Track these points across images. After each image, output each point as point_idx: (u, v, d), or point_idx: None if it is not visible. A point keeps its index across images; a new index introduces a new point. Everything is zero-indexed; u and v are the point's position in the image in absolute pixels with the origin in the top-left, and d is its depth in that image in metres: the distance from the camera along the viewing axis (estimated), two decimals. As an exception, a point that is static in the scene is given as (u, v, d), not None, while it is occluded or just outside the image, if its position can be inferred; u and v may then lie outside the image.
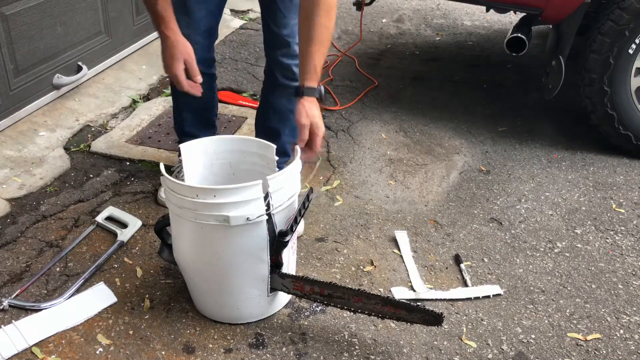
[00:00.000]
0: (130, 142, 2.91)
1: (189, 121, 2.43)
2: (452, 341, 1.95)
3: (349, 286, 1.90)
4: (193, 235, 1.84)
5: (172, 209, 1.84)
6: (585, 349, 1.94)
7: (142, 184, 2.62)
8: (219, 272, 1.87)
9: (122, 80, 3.42)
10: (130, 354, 1.84)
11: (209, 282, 1.90)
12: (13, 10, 2.75)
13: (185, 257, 1.90)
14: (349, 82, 3.65)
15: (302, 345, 1.90)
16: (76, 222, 2.37)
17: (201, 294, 1.96)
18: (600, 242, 2.43)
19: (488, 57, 4.09)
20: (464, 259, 2.30)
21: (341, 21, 4.58)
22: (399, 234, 2.40)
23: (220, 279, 1.88)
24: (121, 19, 3.49)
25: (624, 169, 2.91)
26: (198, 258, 1.87)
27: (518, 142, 3.12)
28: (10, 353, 1.80)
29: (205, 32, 2.23)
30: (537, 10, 2.89)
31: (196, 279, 1.93)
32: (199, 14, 2.17)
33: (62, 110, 3.08)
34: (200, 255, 1.86)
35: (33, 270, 2.13)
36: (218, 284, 1.89)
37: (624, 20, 2.74)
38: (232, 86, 3.49)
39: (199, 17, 2.17)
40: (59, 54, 3.09)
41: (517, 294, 2.15)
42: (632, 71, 2.84)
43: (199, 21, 2.18)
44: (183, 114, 2.43)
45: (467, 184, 2.77)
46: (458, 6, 4.90)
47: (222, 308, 1.94)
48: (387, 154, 2.97)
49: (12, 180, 2.56)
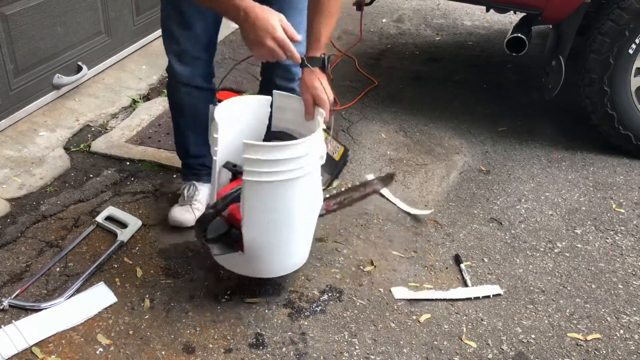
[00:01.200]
0: (130, 142, 2.91)
1: (193, 140, 2.33)
2: (452, 341, 1.95)
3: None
4: (286, 192, 1.86)
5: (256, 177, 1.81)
6: (585, 349, 1.94)
7: (142, 184, 2.62)
8: (296, 221, 1.94)
9: (122, 80, 3.42)
10: (130, 354, 1.84)
11: (282, 238, 1.95)
12: (13, 10, 2.75)
13: (262, 225, 1.90)
14: (349, 82, 3.65)
15: (302, 345, 1.90)
16: (76, 222, 2.37)
17: (272, 253, 1.98)
18: (600, 242, 2.43)
19: (488, 57, 4.09)
20: (464, 259, 2.30)
21: (341, 21, 4.57)
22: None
23: (296, 227, 1.96)
24: (121, 19, 3.49)
25: (624, 169, 2.91)
26: (278, 217, 1.90)
27: (518, 142, 3.12)
28: (10, 353, 1.80)
29: (206, 46, 2.17)
30: (537, 10, 2.89)
31: (271, 240, 1.93)
32: (199, 29, 2.10)
33: (62, 110, 3.08)
34: (281, 213, 1.90)
35: (33, 270, 2.13)
36: (293, 233, 1.96)
37: (624, 20, 2.74)
38: (232, 86, 3.49)
39: (199, 31, 2.11)
40: (59, 54, 3.09)
41: (517, 294, 2.15)
42: (632, 71, 2.84)
43: (199, 36, 2.12)
44: (186, 133, 2.34)
45: (467, 184, 2.77)
46: (458, 6, 4.90)
47: (288, 258, 2.02)
48: (387, 154, 2.97)
49: (12, 180, 2.56)
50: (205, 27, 2.13)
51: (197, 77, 2.20)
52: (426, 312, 2.05)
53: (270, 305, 2.04)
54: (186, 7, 2.07)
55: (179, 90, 2.24)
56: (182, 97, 2.24)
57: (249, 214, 1.86)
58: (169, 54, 2.18)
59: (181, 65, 2.16)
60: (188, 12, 2.08)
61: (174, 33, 2.11)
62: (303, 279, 2.16)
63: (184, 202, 2.38)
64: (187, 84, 2.20)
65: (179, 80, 2.20)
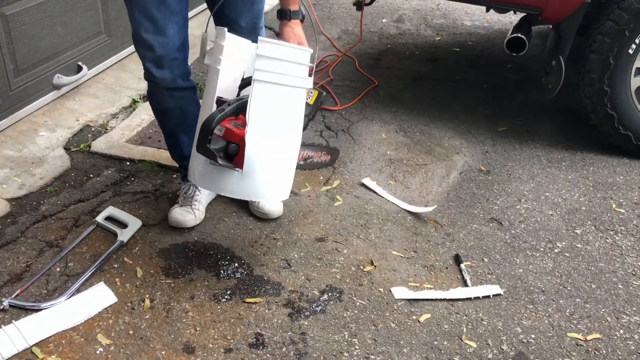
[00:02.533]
0: (130, 142, 2.91)
1: (186, 142, 2.33)
2: (452, 341, 1.95)
3: None
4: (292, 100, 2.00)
5: (279, 80, 1.94)
6: (585, 349, 1.94)
7: (142, 184, 2.62)
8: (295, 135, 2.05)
9: (122, 80, 3.42)
10: (130, 354, 1.84)
11: (282, 150, 2.02)
12: (13, 10, 2.76)
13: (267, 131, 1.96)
14: (349, 82, 3.65)
15: (302, 345, 1.90)
16: (76, 222, 2.37)
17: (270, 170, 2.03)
18: (600, 242, 2.43)
19: (488, 57, 4.09)
20: (464, 259, 2.30)
21: (341, 21, 4.58)
22: (365, 180, 2.72)
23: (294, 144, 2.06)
24: (121, 19, 3.49)
25: (624, 169, 2.91)
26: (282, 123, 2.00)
27: (518, 142, 3.12)
28: (11, 353, 1.81)
29: (180, 47, 2.17)
30: (537, 11, 2.89)
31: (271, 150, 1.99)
32: (172, 31, 2.11)
33: (62, 110, 3.08)
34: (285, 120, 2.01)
35: (33, 270, 2.13)
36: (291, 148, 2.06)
37: (624, 20, 2.74)
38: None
39: (172, 34, 2.11)
40: (59, 54, 3.09)
41: (517, 294, 2.15)
42: (632, 71, 2.84)
43: (172, 38, 2.12)
44: (177, 136, 2.35)
45: (467, 184, 2.77)
46: (458, 6, 4.90)
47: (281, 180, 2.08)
48: (387, 154, 2.97)
49: (12, 180, 2.57)
50: (177, 30, 2.13)
51: (177, 78, 2.20)
52: (426, 312, 2.05)
53: (270, 305, 2.04)
54: (158, 14, 2.06)
55: (162, 95, 2.24)
56: (166, 101, 2.25)
57: (255, 117, 1.92)
58: (145, 62, 2.16)
59: (160, 70, 2.15)
60: (160, 19, 2.07)
61: (148, 41, 2.09)
62: (303, 279, 2.16)
63: (184, 203, 2.38)
64: (170, 88, 2.20)
65: (161, 86, 2.20)
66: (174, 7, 2.08)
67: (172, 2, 2.07)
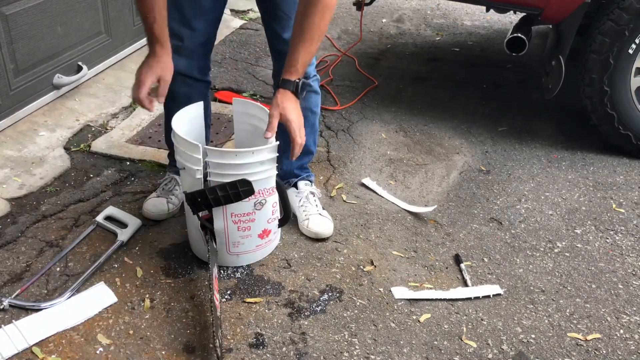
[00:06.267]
0: (130, 142, 2.91)
1: None
2: (452, 341, 1.95)
3: None
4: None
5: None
6: (585, 349, 1.94)
7: (142, 184, 2.62)
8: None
9: (122, 80, 3.42)
10: (130, 353, 1.84)
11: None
12: (13, 10, 2.76)
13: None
14: (349, 82, 3.65)
15: (302, 345, 1.90)
16: (76, 222, 2.37)
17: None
18: (600, 242, 2.43)
19: (488, 57, 4.10)
20: (464, 258, 2.30)
21: (341, 21, 4.58)
22: (365, 180, 2.72)
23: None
24: (121, 19, 3.49)
25: (624, 169, 2.91)
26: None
27: (518, 142, 3.12)
28: (11, 353, 1.81)
29: (204, 42, 2.22)
30: (537, 10, 2.89)
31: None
32: (199, 26, 2.15)
33: (62, 110, 3.08)
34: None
35: (33, 270, 2.13)
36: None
37: (624, 20, 2.74)
38: (232, 86, 3.50)
39: (199, 29, 2.16)
40: (59, 54, 3.09)
41: (517, 294, 2.15)
42: (632, 71, 2.84)
43: (199, 33, 2.16)
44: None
45: (467, 184, 2.77)
46: (458, 6, 4.91)
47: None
48: (387, 153, 2.97)
49: (12, 180, 2.56)
50: (205, 25, 2.17)
51: (194, 69, 2.24)
52: (426, 312, 2.05)
53: (270, 305, 2.04)
54: (187, 8, 2.11)
55: (175, 78, 2.23)
56: (178, 84, 2.24)
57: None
58: None
59: (178, 57, 2.16)
60: (188, 12, 2.12)
61: (173, 30, 2.11)
62: (303, 279, 2.16)
63: (161, 194, 2.42)
64: (184, 74, 2.22)
65: (175, 70, 2.20)
66: (204, 5, 2.13)
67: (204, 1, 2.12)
